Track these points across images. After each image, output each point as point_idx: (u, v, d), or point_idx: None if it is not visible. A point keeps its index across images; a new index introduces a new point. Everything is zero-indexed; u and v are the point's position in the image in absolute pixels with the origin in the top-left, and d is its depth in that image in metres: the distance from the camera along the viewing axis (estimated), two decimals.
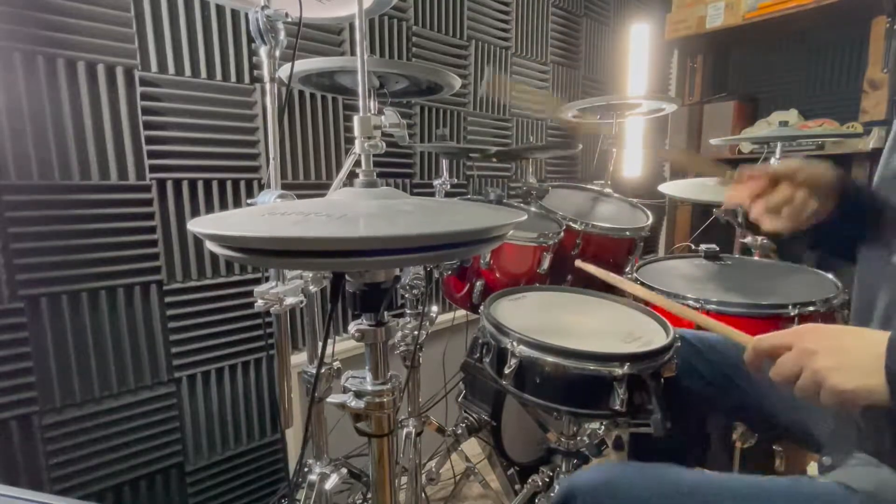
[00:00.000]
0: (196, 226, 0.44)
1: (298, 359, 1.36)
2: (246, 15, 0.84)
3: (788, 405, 0.87)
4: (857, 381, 0.55)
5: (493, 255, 1.29)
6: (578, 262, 0.96)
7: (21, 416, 1.07)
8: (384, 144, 0.65)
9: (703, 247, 1.49)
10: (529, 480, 1.26)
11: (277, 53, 0.85)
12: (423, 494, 1.46)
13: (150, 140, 1.17)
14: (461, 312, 1.62)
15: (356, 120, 0.63)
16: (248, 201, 0.95)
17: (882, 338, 0.56)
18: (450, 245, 0.46)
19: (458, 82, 1.08)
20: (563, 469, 1.12)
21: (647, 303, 1.27)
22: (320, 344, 1.05)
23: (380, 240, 0.43)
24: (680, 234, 2.84)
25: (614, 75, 2.64)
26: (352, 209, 0.52)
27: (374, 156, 0.65)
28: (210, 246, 0.46)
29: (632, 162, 2.70)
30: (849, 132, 2.14)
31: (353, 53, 1.51)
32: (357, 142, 0.63)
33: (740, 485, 0.69)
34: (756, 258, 1.63)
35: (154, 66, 1.17)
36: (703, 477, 0.70)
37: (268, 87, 0.86)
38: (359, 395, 0.61)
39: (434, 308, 1.29)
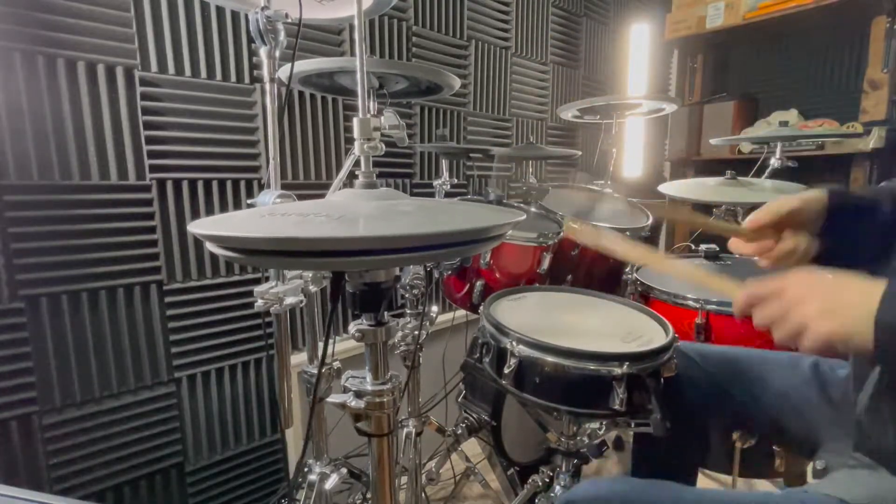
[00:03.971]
0: (196, 227, 0.44)
1: (298, 359, 1.36)
2: (246, 15, 0.84)
3: (787, 413, 0.87)
4: (842, 327, 0.55)
5: (493, 255, 1.29)
6: (568, 221, 0.92)
7: (21, 416, 1.07)
8: (383, 146, 0.65)
9: (703, 247, 1.49)
10: (529, 480, 1.26)
11: (277, 54, 0.85)
12: (423, 494, 1.46)
13: (150, 140, 1.17)
14: (461, 312, 1.62)
15: (356, 122, 0.63)
16: (248, 201, 0.95)
17: (876, 288, 0.55)
18: (448, 245, 0.46)
19: (457, 82, 1.08)
20: (563, 469, 1.12)
21: (648, 301, 1.27)
22: (320, 344, 1.05)
23: (379, 239, 0.43)
24: (680, 234, 2.84)
25: (614, 75, 2.64)
26: (351, 210, 0.52)
27: (374, 156, 0.65)
28: (210, 247, 0.46)
29: (632, 162, 2.70)
30: (849, 132, 2.14)
31: (352, 54, 1.51)
32: (356, 143, 0.63)
33: (730, 500, 0.70)
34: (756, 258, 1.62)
35: (154, 66, 1.17)
36: (699, 494, 0.71)
37: (268, 87, 0.86)
38: (359, 394, 0.61)
39: (434, 308, 1.29)
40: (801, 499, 0.68)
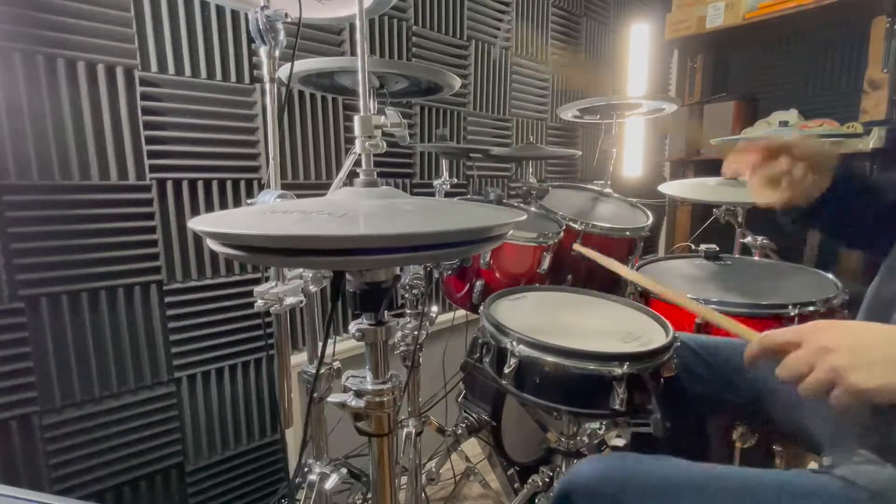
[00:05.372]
0: (197, 224, 0.44)
1: (298, 359, 1.36)
2: (246, 15, 0.84)
3: (788, 407, 0.87)
4: (879, 379, 0.53)
5: (493, 255, 1.29)
6: (576, 246, 0.94)
7: (21, 416, 1.07)
8: (385, 144, 0.65)
9: (703, 247, 1.49)
10: (529, 480, 1.26)
11: (277, 53, 0.85)
12: (423, 494, 1.46)
13: (150, 140, 1.17)
14: (461, 312, 1.62)
15: (357, 119, 0.63)
16: (248, 201, 0.95)
17: None
18: (450, 244, 0.46)
19: (457, 82, 1.08)
20: (563, 469, 1.12)
21: (648, 301, 1.27)
22: (320, 344, 1.05)
23: (380, 238, 0.43)
24: (680, 234, 2.84)
25: (614, 75, 2.64)
26: (352, 208, 0.52)
27: (375, 156, 0.65)
28: (211, 244, 0.46)
29: (632, 162, 2.70)
30: (849, 132, 2.14)
31: (353, 53, 1.51)
32: (358, 141, 0.63)
33: (738, 476, 0.69)
34: (756, 258, 1.63)
35: (154, 66, 1.17)
36: (699, 469, 0.70)
37: (268, 87, 0.86)
38: (359, 394, 0.61)
39: (434, 308, 1.29)
40: (809, 477, 0.68)
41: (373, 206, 0.54)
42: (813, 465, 0.88)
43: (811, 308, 1.12)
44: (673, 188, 1.71)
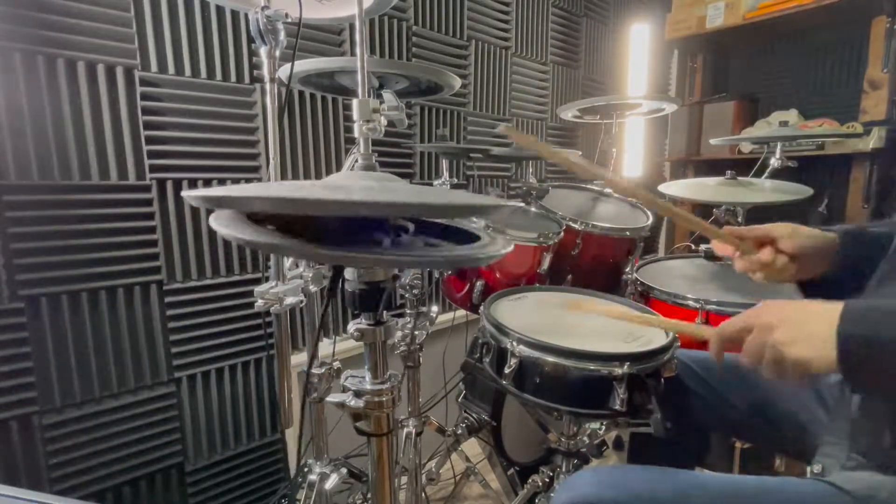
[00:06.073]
0: (194, 192, 0.43)
1: (298, 359, 1.36)
2: (246, 15, 0.84)
3: (783, 419, 0.87)
4: (813, 351, 0.57)
5: None
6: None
7: (21, 416, 1.07)
8: (383, 128, 0.65)
9: (703, 247, 1.49)
10: (529, 480, 1.26)
11: (277, 53, 0.85)
12: (423, 494, 1.46)
13: (150, 140, 1.17)
14: (461, 312, 1.62)
15: (355, 103, 0.63)
16: None
17: (837, 306, 0.58)
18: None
19: (457, 82, 1.08)
20: (564, 469, 1.12)
21: (648, 301, 1.27)
22: (320, 343, 1.05)
23: (374, 205, 0.42)
24: (680, 234, 2.84)
25: (614, 75, 2.64)
26: (348, 185, 0.52)
27: (375, 156, 0.65)
28: (212, 221, 0.44)
29: (632, 162, 2.69)
30: (849, 132, 2.13)
31: (353, 53, 1.51)
32: (356, 126, 0.63)
33: (728, 485, 0.70)
34: None
35: (154, 66, 1.17)
36: (693, 478, 0.71)
37: (268, 87, 0.86)
38: (358, 394, 0.61)
39: (434, 308, 1.29)
40: (797, 484, 0.69)
41: (368, 184, 0.54)
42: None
43: None
44: (673, 188, 1.71)
